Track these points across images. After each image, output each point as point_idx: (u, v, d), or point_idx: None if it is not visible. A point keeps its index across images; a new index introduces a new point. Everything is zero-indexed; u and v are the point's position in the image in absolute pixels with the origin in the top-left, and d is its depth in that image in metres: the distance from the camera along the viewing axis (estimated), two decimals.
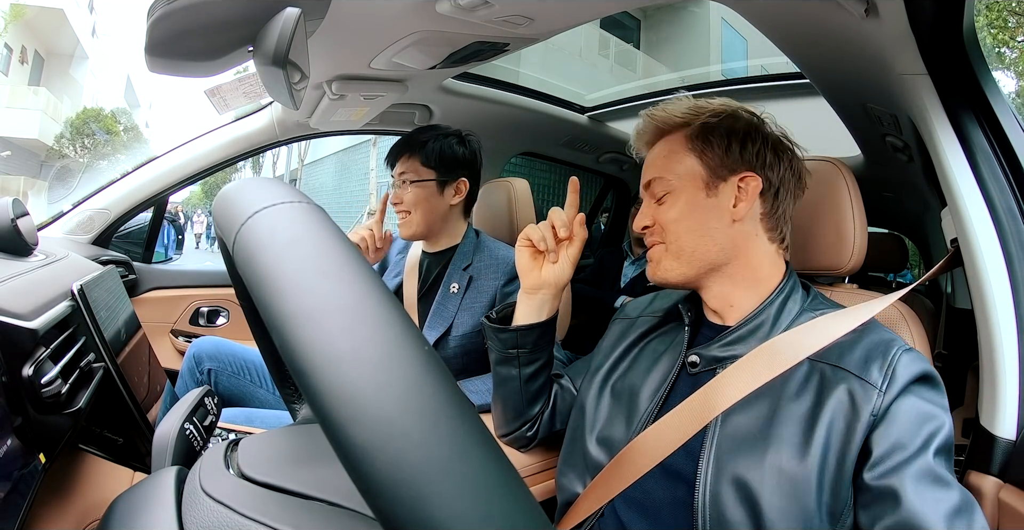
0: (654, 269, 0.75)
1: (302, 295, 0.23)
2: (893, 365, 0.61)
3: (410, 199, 1.21)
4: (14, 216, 0.88)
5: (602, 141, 2.07)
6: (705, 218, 0.71)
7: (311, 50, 0.84)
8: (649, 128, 0.78)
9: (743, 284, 0.72)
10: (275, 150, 7.65)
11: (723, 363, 0.69)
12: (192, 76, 0.85)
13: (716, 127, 0.73)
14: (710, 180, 0.71)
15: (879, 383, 0.60)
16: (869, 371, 0.61)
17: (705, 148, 0.72)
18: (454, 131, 1.27)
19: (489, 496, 0.19)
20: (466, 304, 1.18)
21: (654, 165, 0.76)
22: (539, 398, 0.87)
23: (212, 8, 0.71)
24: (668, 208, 0.73)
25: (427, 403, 0.20)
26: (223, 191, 0.31)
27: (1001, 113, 0.80)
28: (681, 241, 0.72)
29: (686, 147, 0.73)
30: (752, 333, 0.69)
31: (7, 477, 0.54)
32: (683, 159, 0.73)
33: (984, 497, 0.73)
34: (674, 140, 0.75)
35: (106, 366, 0.80)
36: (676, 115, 0.75)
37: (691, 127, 0.74)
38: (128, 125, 17.25)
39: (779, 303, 0.70)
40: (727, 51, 10.40)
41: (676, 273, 0.73)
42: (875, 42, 0.80)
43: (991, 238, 0.77)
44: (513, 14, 0.91)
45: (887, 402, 0.59)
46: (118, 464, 0.84)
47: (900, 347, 0.63)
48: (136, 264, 1.62)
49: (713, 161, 0.72)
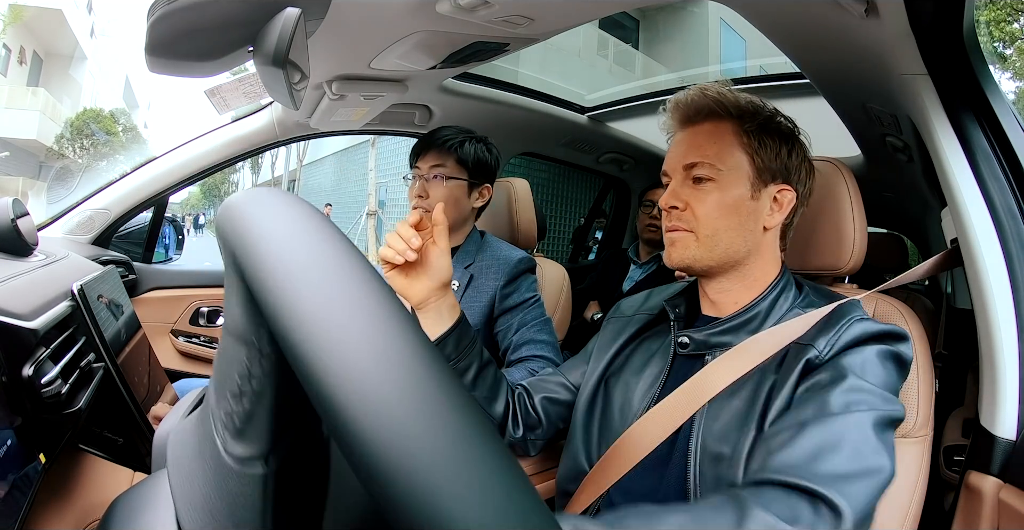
0: (677, 254, 0.72)
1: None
2: (840, 334, 0.64)
3: (439, 194, 1.18)
4: (14, 216, 0.88)
5: (602, 141, 2.07)
6: (744, 219, 0.70)
7: (311, 50, 0.84)
8: (699, 104, 0.72)
9: (748, 282, 0.73)
10: (274, 150, 7.63)
11: (712, 351, 0.71)
12: (192, 76, 0.85)
13: (773, 130, 0.71)
14: (755, 182, 0.70)
15: (821, 347, 0.64)
16: (815, 340, 0.64)
17: (759, 148, 0.70)
18: (481, 136, 1.27)
19: (486, 475, 0.19)
20: (465, 303, 1.18)
21: (699, 147, 0.71)
22: (496, 397, 0.82)
23: (212, 8, 0.71)
24: (707, 196, 0.70)
25: (421, 376, 0.20)
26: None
27: (1001, 113, 0.80)
28: (718, 235, 0.70)
29: (739, 140, 0.71)
30: (744, 325, 0.71)
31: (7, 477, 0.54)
32: (733, 151, 0.70)
33: (984, 497, 0.73)
34: (725, 128, 0.71)
35: (106, 366, 0.80)
36: (739, 103, 0.71)
37: (749, 122, 0.71)
38: (127, 125, 17.24)
39: (772, 298, 0.72)
40: (726, 51, 10.40)
41: (701, 264, 0.72)
42: (875, 42, 0.80)
43: (991, 238, 0.77)
44: (513, 14, 0.92)
45: (825, 357, 0.63)
46: (118, 464, 0.84)
47: (853, 318, 0.65)
48: (136, 264, 1.62)
49: (761, 163, 0.70)
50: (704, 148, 0.71)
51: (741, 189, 0.70)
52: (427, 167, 1.20)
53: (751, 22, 0.91)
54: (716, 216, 0.70)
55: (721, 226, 0.70)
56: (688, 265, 0.72)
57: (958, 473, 0.80)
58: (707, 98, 0.72)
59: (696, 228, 0.71)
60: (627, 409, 0.75)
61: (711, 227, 0.70)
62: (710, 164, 0.70)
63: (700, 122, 0.73)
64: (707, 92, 0.72)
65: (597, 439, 0.76)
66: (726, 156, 0.70)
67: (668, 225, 0.73)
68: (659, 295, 0.86)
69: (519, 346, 1.12)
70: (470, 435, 0.20)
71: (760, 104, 0.73)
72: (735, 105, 0.71)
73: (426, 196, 1.19)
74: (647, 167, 2.28)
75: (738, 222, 0.70)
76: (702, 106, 0.72)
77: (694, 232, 0.71)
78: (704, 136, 0.72)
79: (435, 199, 1.18)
